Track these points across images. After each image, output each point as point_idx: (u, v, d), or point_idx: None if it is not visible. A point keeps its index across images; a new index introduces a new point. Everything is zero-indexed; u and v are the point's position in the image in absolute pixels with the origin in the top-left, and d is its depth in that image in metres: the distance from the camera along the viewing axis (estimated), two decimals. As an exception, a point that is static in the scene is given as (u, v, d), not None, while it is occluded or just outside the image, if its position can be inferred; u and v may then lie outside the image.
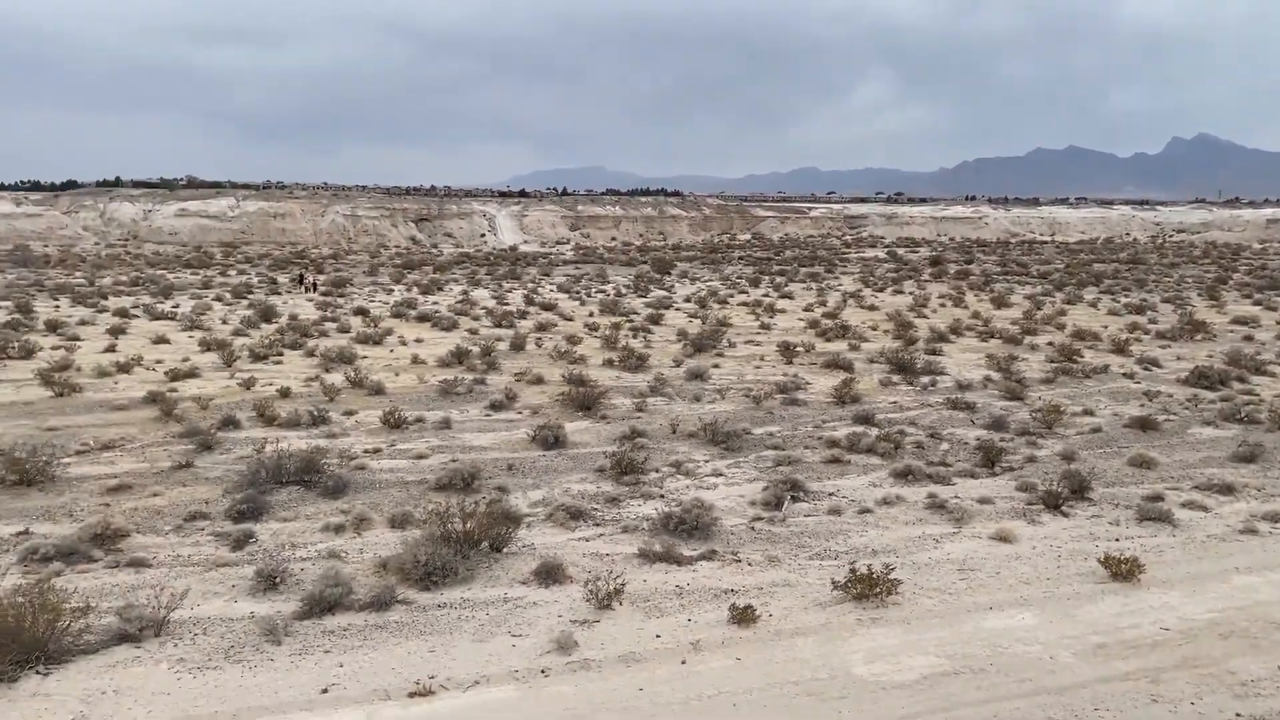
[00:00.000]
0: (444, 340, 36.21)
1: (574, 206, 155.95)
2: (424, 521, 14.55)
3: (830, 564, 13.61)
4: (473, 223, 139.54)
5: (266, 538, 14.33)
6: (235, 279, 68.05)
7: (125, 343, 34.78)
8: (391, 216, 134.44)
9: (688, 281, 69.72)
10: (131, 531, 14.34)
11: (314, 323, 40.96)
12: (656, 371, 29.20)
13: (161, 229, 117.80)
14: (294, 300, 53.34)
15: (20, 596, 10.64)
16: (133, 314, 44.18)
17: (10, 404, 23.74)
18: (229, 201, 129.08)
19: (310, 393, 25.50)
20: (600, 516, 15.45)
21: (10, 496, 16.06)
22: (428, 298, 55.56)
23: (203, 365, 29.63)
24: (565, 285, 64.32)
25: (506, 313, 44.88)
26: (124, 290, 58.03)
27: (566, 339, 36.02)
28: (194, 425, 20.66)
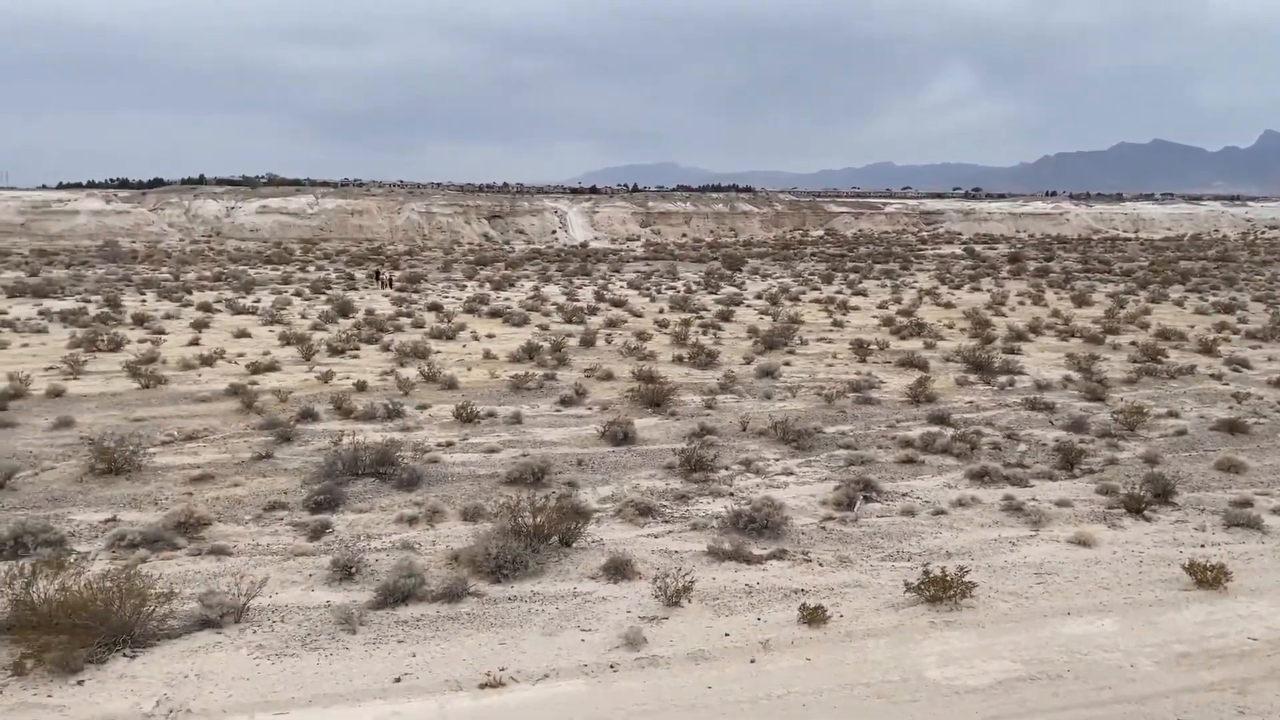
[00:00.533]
0: (515, 336, 36.56)
1: (644, 203, 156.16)
2: (495, 515, 14.72)
3: (903, 565, 13.42)
4: (544, 219, 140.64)
5: (343, 528, 14.63)
6: (314, 275, 69.58)
7: (208, 336, 35.82)
8: (465, 214, 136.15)
9: (759, 278, 69.34)
10: (213, 520, 14.77)
11: (389, 318, 41.71)
12: (727, 368, 29.09)
13: (243, 226, 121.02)
14: (370, 296, 54.35)
15: (108, 581, 11.00)
16: (215, 309, 45.47)
17: (100, 395, 24.62)
18: (308, 199, 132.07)
19: (385, 386, 25.96)
20: (669, 513, 15.45)
21: (100, 484, 16.65)
22: (499, 294, 56.15)
23: (282, 359, 30.37)
24: (635, 282, 64.45)
25: (577, 309, 45.14)
26: (207, 285, 59.74)
27: (636, 335, 36.09)
28: (273, 417, 21.19)
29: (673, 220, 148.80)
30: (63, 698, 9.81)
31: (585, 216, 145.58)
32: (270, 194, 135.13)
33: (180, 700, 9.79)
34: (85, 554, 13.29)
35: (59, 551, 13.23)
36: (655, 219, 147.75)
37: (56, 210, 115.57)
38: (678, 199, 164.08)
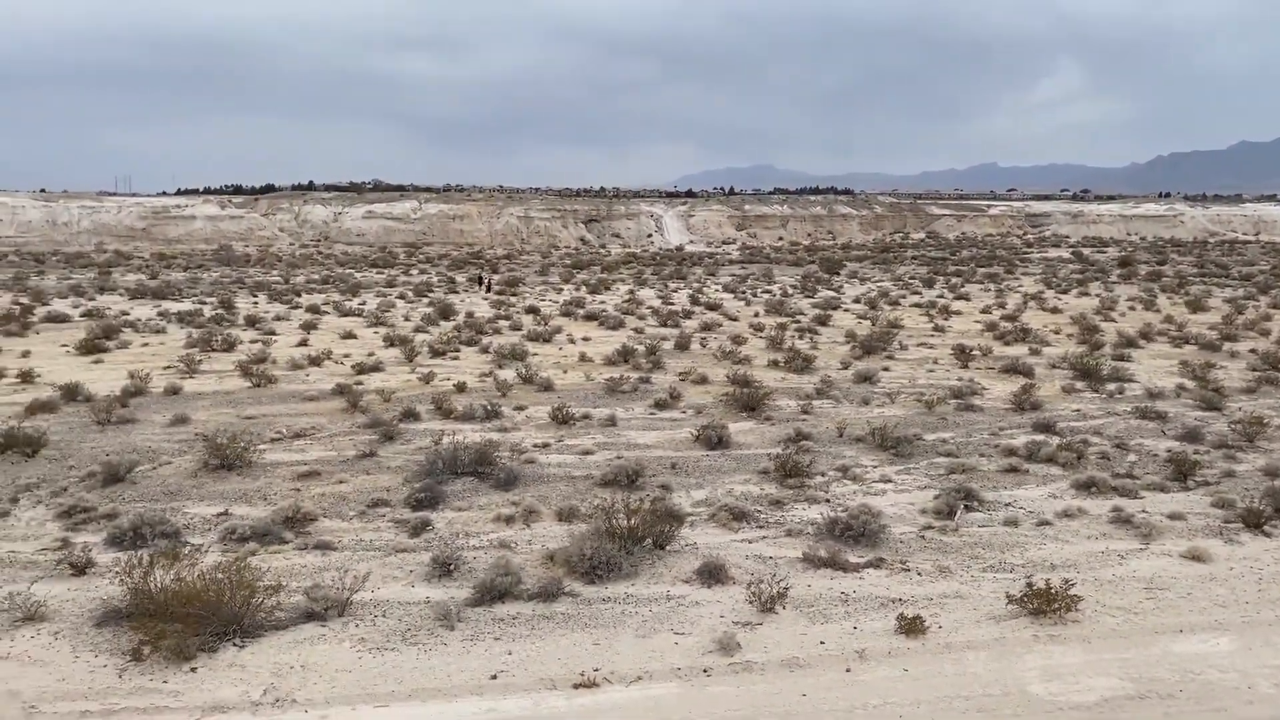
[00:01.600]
0: (610, 339, 36.80)
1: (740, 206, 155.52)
2: (590, 516, 14.83)
3: (1005, 577, 13.06)
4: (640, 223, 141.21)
5: (442, 526, 14.93)
6: (416, 278, 71.23)
7: (316, 337, 36.99)
8: (562, 218, 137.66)
9: (857, 282, 68.40)
10: (319, 516, 15.22)
11: (488, 320, 42.43)
12: (823, 373, 28.77)
13: (350, 230, 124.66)
14: (470, 299, 55.38)
15: (220, 573, 11.44)
16: (323, 311, 46.92)
17: (214, 393, 25.63)
18: (411, 204, 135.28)
19: (484, 388, 26.41)
20: (764, 519, 15.35)
21: (213, 480, 17.33)
22: (595, 297, 56.59)
23: (386, 360, 31.17)
24: (730, 285, 64.25)
25: (671, 312, 45.21)
26: (315, 288, 61.70)
27: (731, 339, 35.96)
28: (377, 417, 21.77)
29: (769, 223, 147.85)
30: (177, 684, 10.23)
31: (681, 220, 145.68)
32: (375, 199, 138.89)
33: (286, 690, 10.11)
34: (199, 546, 13.85)
35: (175, 543, 13.82)
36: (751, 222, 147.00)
37: (175, 215, 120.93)
38: (774, 202, 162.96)
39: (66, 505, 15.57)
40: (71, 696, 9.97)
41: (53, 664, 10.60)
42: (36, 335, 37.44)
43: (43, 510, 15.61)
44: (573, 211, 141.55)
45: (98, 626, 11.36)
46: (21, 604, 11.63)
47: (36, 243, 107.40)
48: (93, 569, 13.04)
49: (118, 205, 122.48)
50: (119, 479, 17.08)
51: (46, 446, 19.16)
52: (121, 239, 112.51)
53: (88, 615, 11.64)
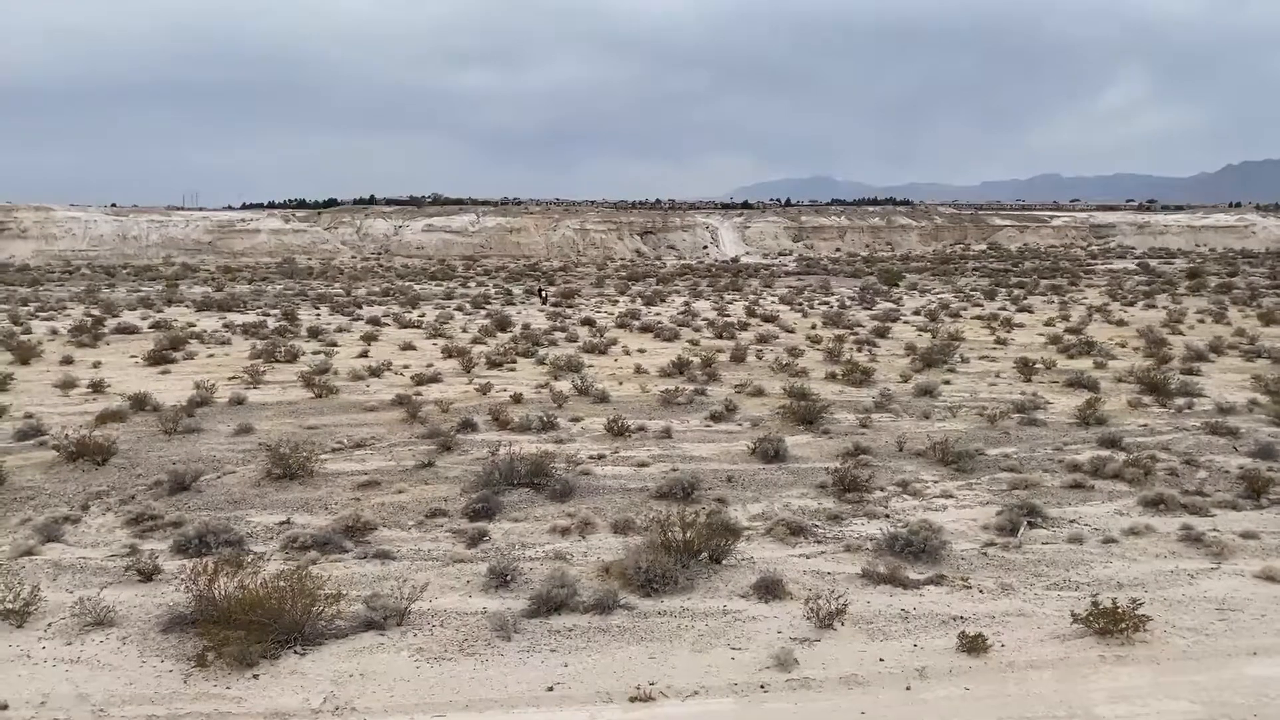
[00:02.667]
0: (666, 351, 36.80)
1: (797, 218, 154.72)
2: (645, 529, 14.81)
3: (1070, 595, 12.77)
4: (695, 235, 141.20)
5: (498, 537, 15.02)
6: (474, 290, 71.96)
7: (376, 349, 37.53)
8: (618, 230, 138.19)
9: (916, 294, 67.62)
10: (379, 525, 15.41)
11: (545, 332, 42.69)
12: (882, 386, 28.47)
13: (409, 243, 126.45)
14: (527, 311, 55.78)
15: (282, 581, 11.62)
16: (383, 322, 47.62)
17: (277, 403, 26.11)
18: (470, 217, 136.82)
19: (540, 399, 26.57)
20: (821, 534, 15.20)
21: (275, 489, 17.64)
22: (651, 309, 56.64)
23: (444, 371, 31.51)
24: (787, 297, 63.93)
25: (727, 324, 45.11)
26: (376, 300, 62.62)
27: (788, 351, 35.77)
28: (435, 427, 21.99)
29: (826, 234, 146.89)
30: (240, 690, 10.40)
31: (737, 232, 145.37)
32: (435, 213, 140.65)
33: (345, 698, 10.23)
34: (261, 554, 14.09)
35: (238, 551, 14.08)
36: (808, 233, 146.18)
37: (240, 229, 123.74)
38: (832, 213, 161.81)
39: (135, 513, 15.96)
40: (138, 700, 10.19)
41: (121, 668, 10.85)
42: (107, 346, 38.52)
43: (112, 517, 16.01)
44: (628, 224, 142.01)
45: (164, 632, 11.61)
46: (91, 609, 11.92)
47: (107, 256, 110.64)
48: (159, 575, 13.34)
49: (185, 219, 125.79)
50: (185, 487, 17.47)
51: (116, 455, 19.66)
52: (189, 252, 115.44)
53: (154, 621, 11.90)
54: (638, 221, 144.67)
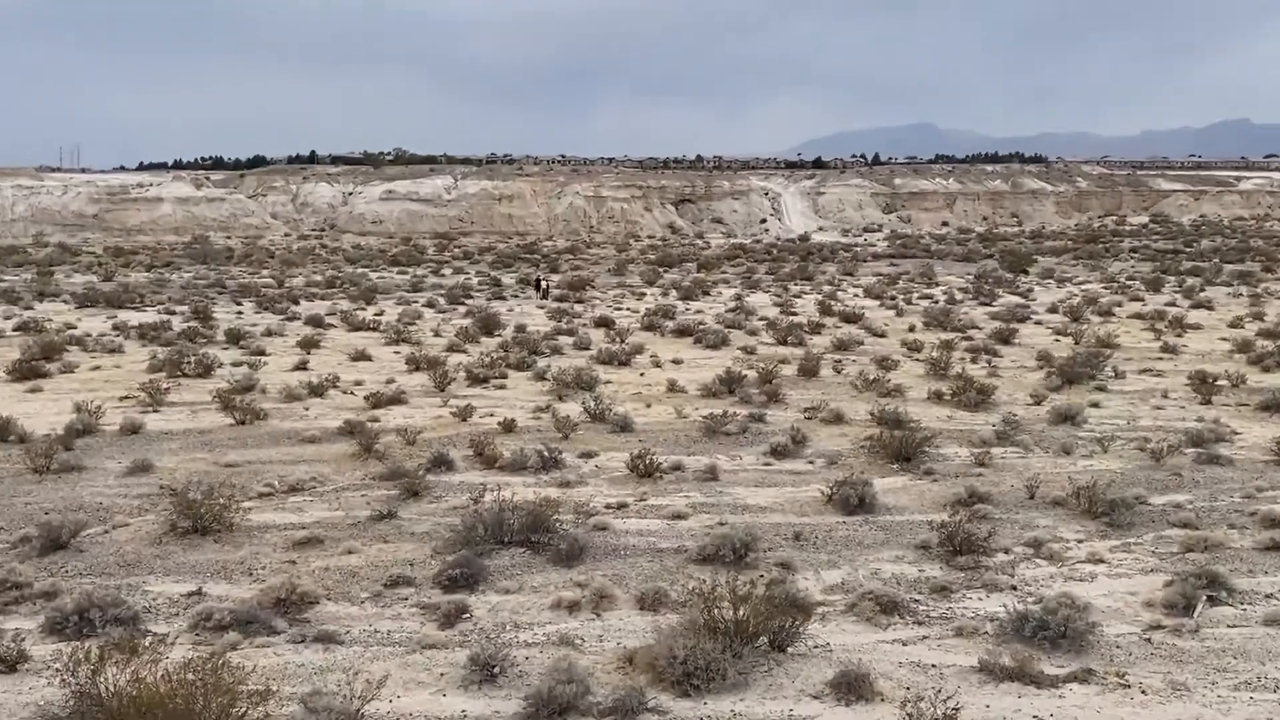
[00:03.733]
0: (710, 361, 36.80)
1: (889, 180, 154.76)
2: (682, 604, 14.75)
3: (1267, 698, 12.62)
4: (750, 204, 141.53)
5: (483, 613, 15.01)
6: (451, 279, 72.32)
7: (318, 359, 37.78)
8: (645, 197, 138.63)
9: (1052, 284, 67.27)
10: (321, 597, 15.44)
11: (545, 336, 42.79)
12: (1006, 410, 28.34)
13: (363, 216, 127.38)
14: (522, 307, 55.99)
15: (190, 673, 11.59)
16: (328, 323, 47.91)
17: (185, 432, 26.29)
18: (444, 181, 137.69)
19: (540, 426, 26.61)
20: (923, 612, 15.11)
21: (182, 547, 17.72)
22: (689, 305, 56.68)
23: (410, 389, 31.65)
24: (875, 289, 63.79)
25: (794, 325, 45.06)
26: (318, 293, 63.06)
27: (876, 362, 35.67)
28: (398, 465, 22.05)
29: (928, 203, 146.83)
30: (134, 819, 10.41)
31: (806, 199, 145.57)
32: (397, 175, 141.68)
33: (276, 832, 10.23)
34: (163, 636, 14.13)
35: (132, 632, 14.11)
36: (903, 202, 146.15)
37: (136, 198, 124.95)
38: (936, 174, 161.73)
39: (-6, 579, 16.05)
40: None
41: (-26, 790, 10.90)
42: (-41, 355, 38.91)
43: (-36, 585, 16.12)
44: (659, 189, 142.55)
45: (32, 741, 11.65)
46: (-65, 709, 11.99)
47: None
48: (26, 665, 13.39)
49: (63, 185, 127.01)
50: (61, 545, 17.55)
51: (-30, 501, 19.84)
52: (67, 228, 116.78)
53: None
54: (672, 186, 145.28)
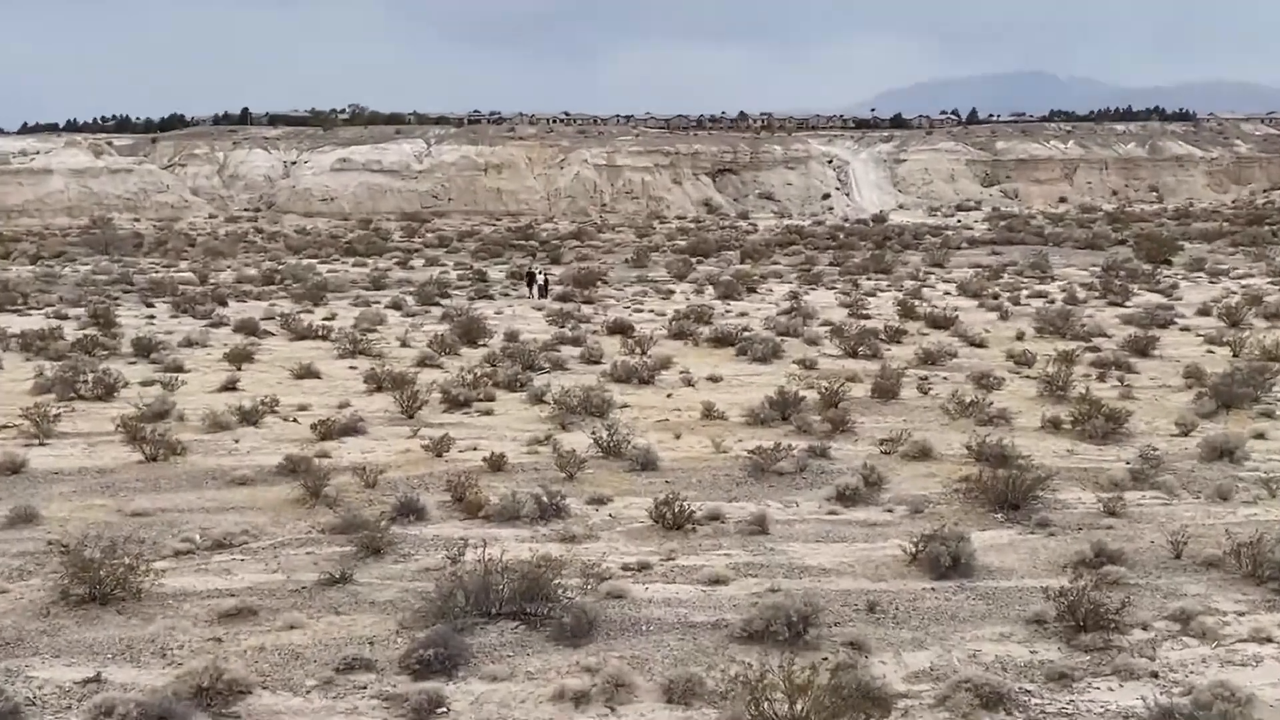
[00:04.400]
0: (757, 379, 36.75)
1: (989, 144, 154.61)
2: (723, 696, 14.68)
3: None
4: (809, 175, 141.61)
5: (464, 707, 14.97)
6: (422, 273, 72.34)
7: (252, 377, 37.82)
8: (673, 167, 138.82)
9: (1204, 278, 66.96)
10: (255, 685, 15.41)
11: (544, 347, 42.72)
12: (1144, 443, 28.16)
13: (310, 191, 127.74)
14: (514, 309, 55.98)
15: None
16: (265, 330, 47.95)
17: (79, 472, 26.31)
18: (415, 147, 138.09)
19: (537, 463, 26.57)
20: (1036, 706, 15.02)
21: (76, 620, 17.71)
22: (730, 305, 56.59)
23: (370, 414, 31.65)
24: (972, 284, 63.56)
25: (866, 332, 44.88)
26: (252, 292, 63.13)
27: (974, 380, 35.50)
28: (354, 513, 22.01)
29: (1041, 173, 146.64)
30: None
31: (882, 168, 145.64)
32: (354, 138, 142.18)
33: None
34: (52, 735, 14.13)
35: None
36: (1009, 171, 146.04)
37: (18, 169, 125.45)
38: (1051, 136, 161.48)
39: None
40: None
41: None
42: None
43: None
44: (690, 156, 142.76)
45: None
46: None
47: None
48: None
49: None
50: (-79, 617, 17.56)
51: None
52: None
53: None
54: (707, 153, 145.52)
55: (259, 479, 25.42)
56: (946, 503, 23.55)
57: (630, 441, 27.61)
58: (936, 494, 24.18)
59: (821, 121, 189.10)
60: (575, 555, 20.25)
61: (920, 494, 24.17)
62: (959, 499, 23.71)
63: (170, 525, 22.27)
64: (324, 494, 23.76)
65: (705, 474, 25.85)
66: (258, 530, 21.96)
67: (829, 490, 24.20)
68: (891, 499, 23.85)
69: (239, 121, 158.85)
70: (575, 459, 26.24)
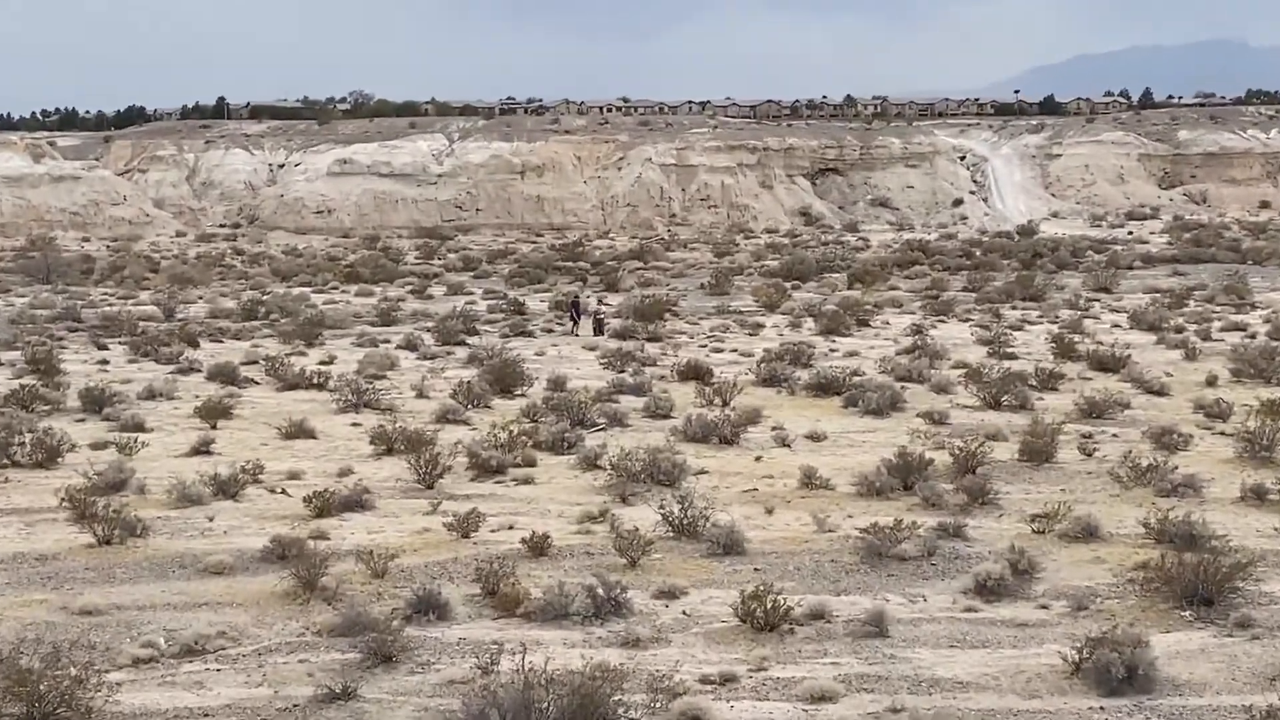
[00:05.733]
0: (871, 437, 36.73)
1: (1169, 133, 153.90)
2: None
3: None
4: (934, 175, 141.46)
5: None
6: (443, 304, 72.57)
7: (230, 437, 38.04)
8: (761, 166, 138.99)
9: None
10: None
11: (599, 397, 42.70)
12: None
13: (302, 201, 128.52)
14: (560, 349, 56.07)
15: None
16: (246, 378, 48.17)
17: (14, 558, 26.43)
18: (434, 144, 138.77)
19: (590, 546, 26.57)
20: None
21: (11, 747, 17.80)
22: (835, 342, 56.53)
23: (378, 484, 31.76)
24: (1148, 314, 63.18)
25: (1011, 377, 44.65)
26: (229, 329, 63.51)
27: (1152, 437, 35.25)
28: (358, 611, 22.00)
29: (1237, 170, 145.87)
30: None
31: (1029, 165, 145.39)
32: (357, 134, 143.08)
33: None
34: None
35: None
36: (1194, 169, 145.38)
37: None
38: (1247, 122, 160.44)
39: None
40: None
41: None
42: None
43: None
44: (783, 152, 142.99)
45: None
46: None
47: None
48: None
49: None
50: None
51: None
52: None
53: None
54: (805, 148, 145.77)
55: (239, 567, 25.49)
56: (1118, 597, 23.34)
57: (709, 518, 27.50)
58: (1105, 585, 23.96)
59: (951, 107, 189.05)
60: (640, 664, 20.20)
61: (1084, 585, 23.94)
62: (1135, 592, 23.48)
63: (128, 626, 22.33)
64: (321, 586, 23.76)
65: (805, 559, 25.76)
66: (238, 632, 22.00)
67: (965, 580, 24.04)
68: (1047, 592, 23.65)
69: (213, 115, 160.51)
70: (639, 540, 26.14)
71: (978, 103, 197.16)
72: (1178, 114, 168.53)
